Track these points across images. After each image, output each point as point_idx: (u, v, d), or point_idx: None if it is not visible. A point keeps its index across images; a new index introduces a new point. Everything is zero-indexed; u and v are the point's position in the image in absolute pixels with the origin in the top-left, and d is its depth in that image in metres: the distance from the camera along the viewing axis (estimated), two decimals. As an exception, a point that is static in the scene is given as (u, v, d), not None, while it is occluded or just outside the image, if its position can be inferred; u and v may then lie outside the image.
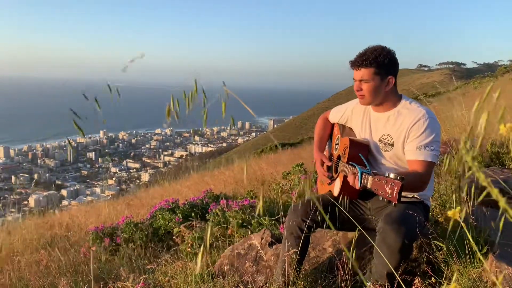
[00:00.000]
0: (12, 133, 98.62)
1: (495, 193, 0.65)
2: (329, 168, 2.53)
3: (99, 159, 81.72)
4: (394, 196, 1.75)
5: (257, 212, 3.35)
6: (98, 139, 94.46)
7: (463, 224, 0.75)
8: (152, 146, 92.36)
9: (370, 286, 2.07)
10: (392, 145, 2.24)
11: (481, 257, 1.67)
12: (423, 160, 2.09)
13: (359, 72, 2.22)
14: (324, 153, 2.66)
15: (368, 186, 1.93)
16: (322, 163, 2.53)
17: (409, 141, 2.15)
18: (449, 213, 0.78)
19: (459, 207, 0.75)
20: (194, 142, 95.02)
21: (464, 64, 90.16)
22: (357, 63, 2.21)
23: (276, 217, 3.49)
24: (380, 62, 2.15)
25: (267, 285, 2.59)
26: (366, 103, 2.31)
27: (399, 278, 1.44)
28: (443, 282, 2.01)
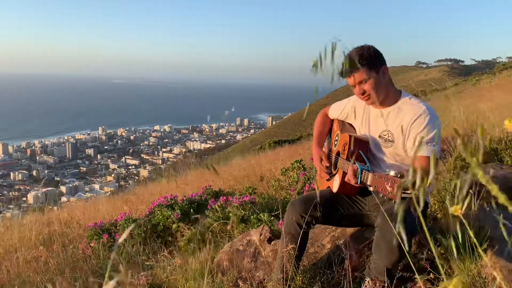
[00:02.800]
0: (15, 131, 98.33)
1: (495, 189, 0.65)
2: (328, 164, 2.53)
3: (98, 155, 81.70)
4: (394, 193, 1.75)
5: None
6: (97, 135, 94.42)
7: (465, 222, 0.74)
8: (150, 143, 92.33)
9: (369, 282, 2.07)
10: (392, 141, 2.23)
11: (481, 253, 1.67)
12: (425, 156, 2.09)
13: (354, 76, 2.17)
14: (323, 149, 2.65)
15: (368, 183, 1.92)
16: (321, 159, 2.52)
17: (410, 137, 2.15)
18: (452, 209, 0.78)
19: (460, 204, 0.75)
20: (193, 139, 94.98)
21: (463, 61, 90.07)
22: (347, 71, 2.15)
23: (275, 213, 3.49)
24: (369, 58, 2.13)
25: (266, 281, 2.59)
26: (373, 101, 2.23)
27: (403, 273, 1.44)
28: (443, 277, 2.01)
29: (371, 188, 1.94)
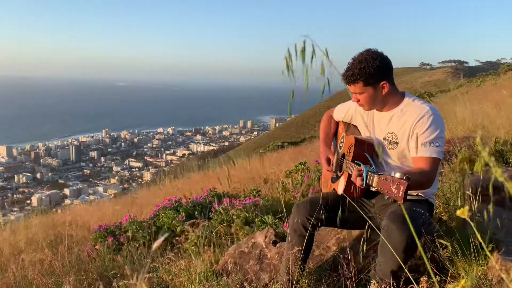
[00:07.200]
0: (19, 134, 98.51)
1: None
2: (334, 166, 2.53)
3: (101, 158, 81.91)
4: (400, 195, 1.74)
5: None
6: (100, 138, 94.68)
7: (472, 224, 0.74)
8: (154, 145, 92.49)
9: (374, 284, 2.07)
10: (397, 143, 2.23)
11: (488, 254, 1.67)
12: (429, 157, 2.08)
13: (351, 87, 2.20)
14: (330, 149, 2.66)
15: (374, 185, 1.92)
16: (328, 159, 2.53)
17: (413, 138, 2.14)
18: (458, 212, 0.77)
19: (467, 207, 0.75)
20: (196, 141, 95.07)
21: (467, 62, 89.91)
22: (346, 80, 2.18)
23: (280, 215, 3.49)
24: (367, 74, 2.11)
25: (271, 283, 2.59)
26: (368, 109, 2.35)
27: (409, 275, 1.44)
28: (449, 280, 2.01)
29: (374, 189, 1.94)
